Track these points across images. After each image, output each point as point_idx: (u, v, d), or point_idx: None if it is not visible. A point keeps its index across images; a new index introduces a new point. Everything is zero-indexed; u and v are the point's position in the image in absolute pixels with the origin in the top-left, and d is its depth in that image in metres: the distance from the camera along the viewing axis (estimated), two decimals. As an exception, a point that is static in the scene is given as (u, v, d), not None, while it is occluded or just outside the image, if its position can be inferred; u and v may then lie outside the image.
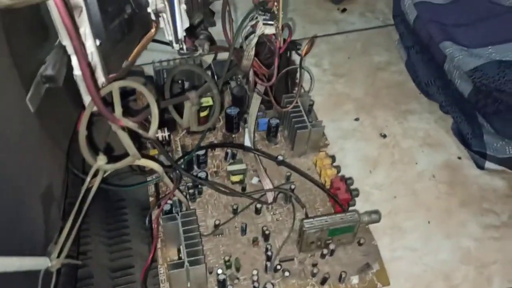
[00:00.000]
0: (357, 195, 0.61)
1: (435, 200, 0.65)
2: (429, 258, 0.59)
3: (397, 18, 0.84)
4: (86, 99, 0.39)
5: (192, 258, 0.49)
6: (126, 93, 0.48)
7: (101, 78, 0.40)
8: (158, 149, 0.56)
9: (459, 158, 0.69)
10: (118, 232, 0.59)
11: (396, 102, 0.78)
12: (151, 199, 0.61)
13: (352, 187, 0.61)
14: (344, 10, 0.93)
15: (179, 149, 0.66)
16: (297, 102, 0.65)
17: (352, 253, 0.57)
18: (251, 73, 0.53)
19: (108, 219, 0.61)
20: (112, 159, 0.41)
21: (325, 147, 0.68)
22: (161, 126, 0.64)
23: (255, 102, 0.62)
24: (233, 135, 0.68)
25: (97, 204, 0.62)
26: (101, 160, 0.36)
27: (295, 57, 0.67)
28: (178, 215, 0.53)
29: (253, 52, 0.50)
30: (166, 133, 0.64)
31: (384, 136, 0.73)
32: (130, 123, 0.37)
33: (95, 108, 0.39)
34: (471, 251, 0.59)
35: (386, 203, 0.64)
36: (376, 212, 0.56)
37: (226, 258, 0.54)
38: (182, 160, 0.61)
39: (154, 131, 0.37)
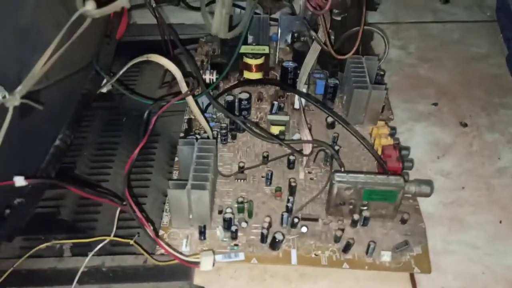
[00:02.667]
0: (410, 167, 0.51)
1: (514, 200, 0.52)
2: (492, 260, 0.46)
3: (500, 10, 0.74)
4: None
5: (197, 182, 0.44)
6: None
7: None
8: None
9: (558, 161, 0.56)
10: (143, 163, 0.56)
11: (488, 94, 0.66)
12: (181, 135, 0.56)
13: (407, 158, 0.51)
14: (447, 1, 0.84)
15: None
16: (361, 59, 0.58)
17: (391, 230, 0.46)
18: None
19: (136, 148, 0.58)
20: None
21: (388, 121, 0.59)
22: (212, 68, 0.61)
23: (313, 51, 0.56)
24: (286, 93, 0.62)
25: (130, 134, 0.60)
26: (90, 4, 0.32)
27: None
28: (196, 140, 0.48)
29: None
30: (214, 76, 0.60)
31: (465, 125, 0.61)
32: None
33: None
34: (550, 264, 0.46)
35: (451, 192, 0.53)
36: (428, 183, 0.46)
37: (240, 200, 0.47)
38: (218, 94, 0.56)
39: None
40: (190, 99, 0.46)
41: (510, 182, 0.54)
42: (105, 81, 0.49)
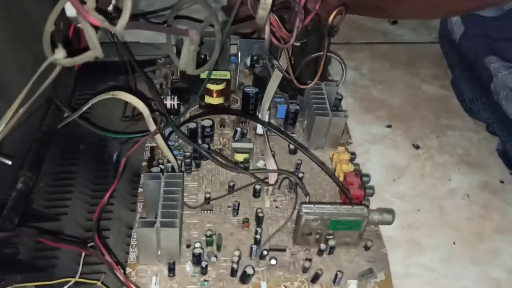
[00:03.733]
0: (371, 194, 0.53)
1: (465, 221, 0.55)
2: (449, 282, 0.49)
3: (443, 38, 0.79)
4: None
5: (166, 220, 0.43)
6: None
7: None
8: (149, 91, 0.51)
9: (502, 182, 0.60)
10: (104, 193, 0.54)
11: (436, 116, 0.69)
12: (143, 164, 0.55)
13: (368, 185, 0.53)
14: (395, 22, 0.88)
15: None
16: (320, 85, 0.59)
17: (356, 257, 0.48)
18: (266, 29, 0.48)
19: (97, 179, 0.56)
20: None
21: (346, 145, 0.61)
22: (173, 93, 0.60)
23: (274, 78, 0.57)
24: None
25: (88, 162, 0.58)
26: (59, 53, 0.31)
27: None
28: (162, 174, 0.47)
29: (270, 1, 0.44)
30: (176, 102, 0.60)
31: (417, 147, 0.64)
32: (99, 17, 0.32)
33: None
34: (501, 283, 0.49)
35: (407, 215, 0.55)
36: (390, 211, 0.48)
37: (208, 233, 0.47)
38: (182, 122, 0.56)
39: (122, 24, 0.32)
40: (158, 137, 0.45)
41: (460, 203, 0.57)
42: (66, 115, 0.47)
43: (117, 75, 0.64)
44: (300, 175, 0.54)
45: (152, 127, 0.43)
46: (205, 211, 0.51)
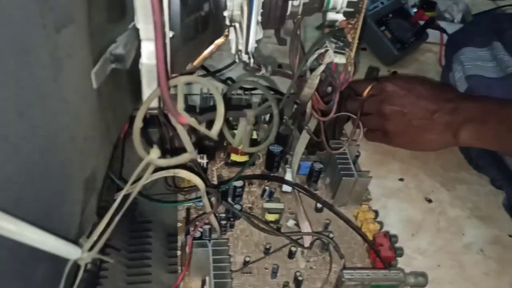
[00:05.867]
0: (401, 255, 0.56)
1: (483, 276, 0.59)
2: (475, 338, 0.52)
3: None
4: (146, 92, 0.37)
5: (219, 290, 0.45)
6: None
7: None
8: (195, 169, 0.53)
9: (511, 236, 0.64)
10: (140, 254, 0.55)
11: (444, 169, 0.74)
12: (179, 224, 0.57)
13: (396, 245, 0.56)
14: (394, 72, 0.93)
15: (215, 179, 0.63)
16: (345, 149, 0.62)
17: (391, 318, 0.51)
18: (308, 104, 0.51)
19: (131, 239, 0.57)
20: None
21: (367, 201, 0.64)
22: (200, 152, 0.62)
23: (303, 141, 0.60)
24: (272, 175, 0.65)
25: (121, 222, 0.59)
26: (154, 153, 0.33)
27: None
28: (209, 242, 0.49)
29: (317, 81, 0.47)
30: (205, 160, 0.61)
31: (430, 201, 0.68)
32: (191, 120, 0.34)
33: (154, 104, 0.38)
34: (522, 338, 0.53)
35: (430, 270, 0.58)
36: (424, 275, 0.51)
37: (253, 299, 0.49)
38: (220, 188, 0.58)
39: (217, 130, 0.35)
40: (212, 218, 0.47)
41: (476, 258, 0.61)
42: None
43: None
44: (331, 235, 0.57)
45: (208, 207, 0.45)
46: (245, 274, 0.52)
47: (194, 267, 0.50)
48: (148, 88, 0.38)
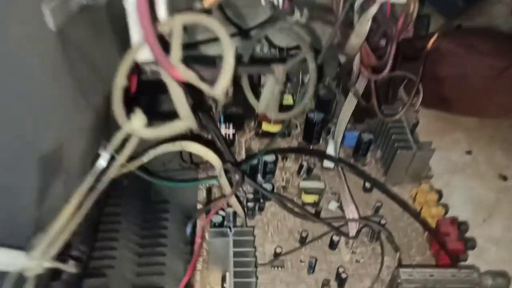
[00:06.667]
0: (473, 247, 0.45)
1: None
2: None
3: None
4: (135, 37, 0.27)
5: (240, 292, 0.36)
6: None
7: (161, 15, 0.28)
8: (216, 142, 0.44)
9: None
10: (153, 240, 0.47)
11: (523, 138, 0.61)
12: (199, 206, 0.48)
13: (466, 235, 0.45)
14: (459, 26, 0.78)
15: (243, 152, 0.53)
16: (400, 116, 0.51)
17: (459, 327, 0.40)
18: (356, 60, 0.40)
19: (144, 222, 0.49)
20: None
21: (428, 179, 0.53)
22: (226, 121, 0.53)
23: (349, 105, 0.49)
24: (312, 147, 0.55)
25: (133, 202, 0.51)
26: (138, 119, 0.24)
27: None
28: (230, 230, 0.40)
29: (367, 27, 0.36)
30: (231, 131, 0.52)
31: (505, 178, 0.56)
32: (189, 73, 0.24)
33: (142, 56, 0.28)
34: None
35: (507, 265, 0.47)
36: (504, 275, 0.40)
37: (285, 301, 0.40)
38: (245, 164, 0.48)
39: (223, 88, 0.24)
40: (233, 200, 0.37)
41: None
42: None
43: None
44: (383, 221, 0.46)
45: (227, 187, 0.35)
46: (276, 268, 0.43)
47: (213, 259, 0.41)
48: (137, 32, 0.28)
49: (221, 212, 0.44)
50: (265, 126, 0.54)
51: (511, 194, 0.54)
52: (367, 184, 0.50)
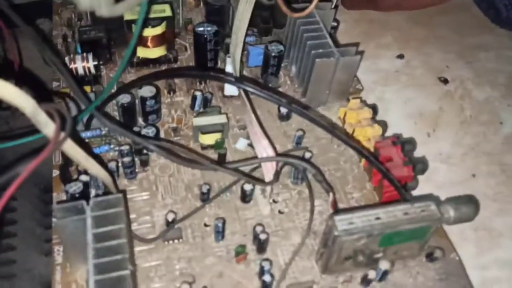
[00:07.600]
0: (424, 170, 0.35)
1: (540, 180, 0.39)
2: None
3: None
4: None
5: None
6: None
7: None
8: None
9: None
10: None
11: (459, 34, 0.51)
12: (55, 173, 0.34)
13: (416, 156, 0.35)
14: None
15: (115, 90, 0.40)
16: (314, 13, 0.39)
17: (418, 276, 0.31)
18: None
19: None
20: None
21: (357, 93, 0.42)
22: (84, 50, 0.38)
23: (246, 6, 0.35)
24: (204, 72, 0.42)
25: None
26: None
27: None
28: (87, 203, 0.26)
29: None
30: (92, 62, 0.38)
31: (445, 81, 0.47)
32: None
33: None
34: None
35: (461, 186, 0.38)
36: (469, 200, 0.30)
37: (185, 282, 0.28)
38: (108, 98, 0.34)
39: None
40: (68, 146, 0.23)
41: (526, 155, 0.41)
42: None
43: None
44: (308, 154, 0.35)
45: (50, 132, 0.21)
46: (171, 241, 0.31)
47: (70, 248, 0.28)
48: None
49: (82, 178, 0.31)
50: (141, 52, 0.40)
51: (454, 99, 0.45)
52: (282, 110, 0.38)
